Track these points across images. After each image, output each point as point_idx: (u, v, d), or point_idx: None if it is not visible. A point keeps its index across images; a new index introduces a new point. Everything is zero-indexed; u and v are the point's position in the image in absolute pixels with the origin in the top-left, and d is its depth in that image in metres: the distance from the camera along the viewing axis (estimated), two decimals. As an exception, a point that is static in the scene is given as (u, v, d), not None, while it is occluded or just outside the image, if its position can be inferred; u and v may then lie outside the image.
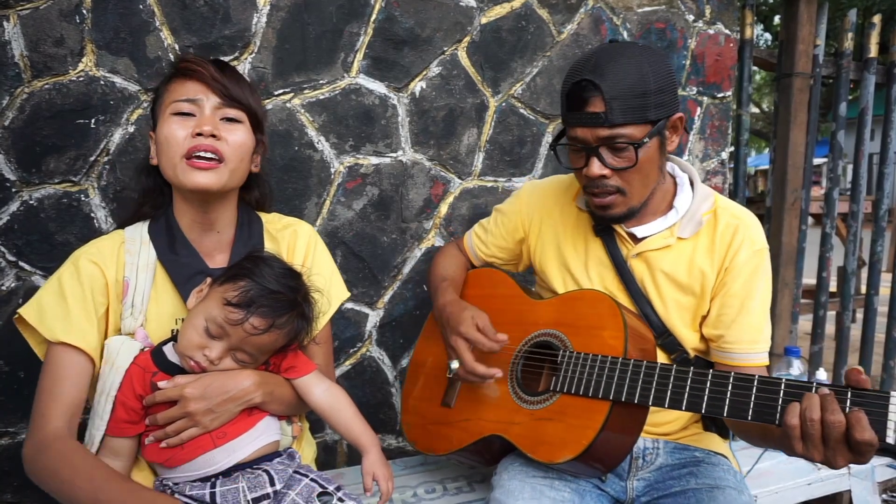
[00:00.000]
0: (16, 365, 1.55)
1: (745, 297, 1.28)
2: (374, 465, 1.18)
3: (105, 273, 1.13)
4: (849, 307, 2.85)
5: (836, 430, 0.90)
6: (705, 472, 1.29)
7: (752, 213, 1.36)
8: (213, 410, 1.08)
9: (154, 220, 1.22)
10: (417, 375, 1.56)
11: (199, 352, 1.08)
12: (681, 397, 1.10)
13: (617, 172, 1.22)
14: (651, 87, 1.17)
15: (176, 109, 1.12)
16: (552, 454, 1.20)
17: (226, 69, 1.18)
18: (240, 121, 1.16)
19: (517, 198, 1.57)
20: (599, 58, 1.18)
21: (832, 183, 2.72)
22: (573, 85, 1.20)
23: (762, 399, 1.01)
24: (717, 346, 1.32)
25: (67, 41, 1.52)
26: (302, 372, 1.20)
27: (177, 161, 1.11)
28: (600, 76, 1.16)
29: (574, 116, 1.21)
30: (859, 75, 2.70)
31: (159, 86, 1.19)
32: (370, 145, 1.87)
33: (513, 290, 1.49)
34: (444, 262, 1.63)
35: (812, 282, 2.97)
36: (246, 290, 1.08)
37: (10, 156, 1.50)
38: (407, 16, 1.85)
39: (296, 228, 1.34)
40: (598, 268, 1.39)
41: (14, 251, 1.53)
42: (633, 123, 1.18)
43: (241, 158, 1.16)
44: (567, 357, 1.26)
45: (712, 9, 2.30)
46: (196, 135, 1.10)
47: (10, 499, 1.59)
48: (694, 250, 1.31)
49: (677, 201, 1.34)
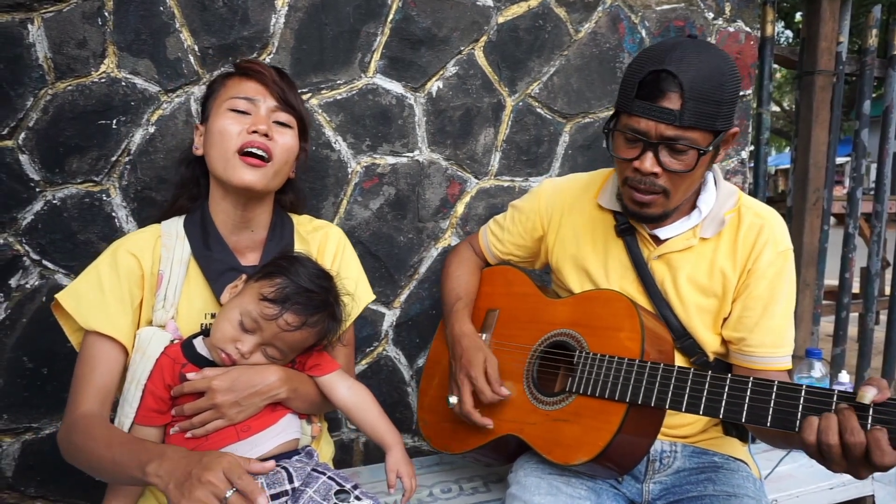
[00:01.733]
0: (39, 362, 1.57)
1: (769, 299, 1.25)
2: (399, 462, 1.20)
3: (142, 265, 1.17)
4: (872, 309, 2.80)
5: (857, 450, 0.88)
6: (724, 478, 1.27)
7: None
8: (240, 403, 1.11)
9: (190, 215, 1.25)
10: (433, 374, 1.56)
11: (231, 345, 1.11)
12: (698, 402, 1.08)
13: (667, 173, 1.17)
14: (726, 96, 1.12)
15: (233, 106, 1.16)
16: (568, 456, 1.19)
17: (283, 76, 1.22)
18: (290, 126, 1.21)
19: (536, 196, 1.54)
20: (685, 51, 1.11)
21: (855, 182, 2.67)
22: (651, 72, 1.12)
23: (781, 406, 0.99)
24: (737, 349, 1.30)
25: (90, 43, 1.54)
26: (326, 370, 1.23)
27: (229, 155, 1.14)
28: (684, 70, 1.09)
29: (642, 106, 1.13)
30: (884, 72, 2.65)
31: (214, 81, 1.24)
32: (387, 145, 1.87)
33: (529, 288, 1.48)
34: (458, 270, 1.60)
35: (834, 283, 2.93)
36: (282, 286, 1.11)
37: (34, 156, 1.53)
38: (424, 15, 1.85)
39: (326, 231, 1.38)
40: (618, 269, 1.36)
41: (38, 250, 1.56)
42: (702, 129, 1.12)
43: (286, 161, 1.21)
44: (583, 358, 1.25)
45: (732, 6, 2.28)
46: (251, 132, 1.13)
47: (34, 493, 1.62)
48: (716, 251, 1.29)
49: (701, 201, 1.30)
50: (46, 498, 1.63)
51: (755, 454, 1.46)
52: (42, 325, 1.56)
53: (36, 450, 1.60)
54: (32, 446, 1.60)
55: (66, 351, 1.58)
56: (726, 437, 1.38)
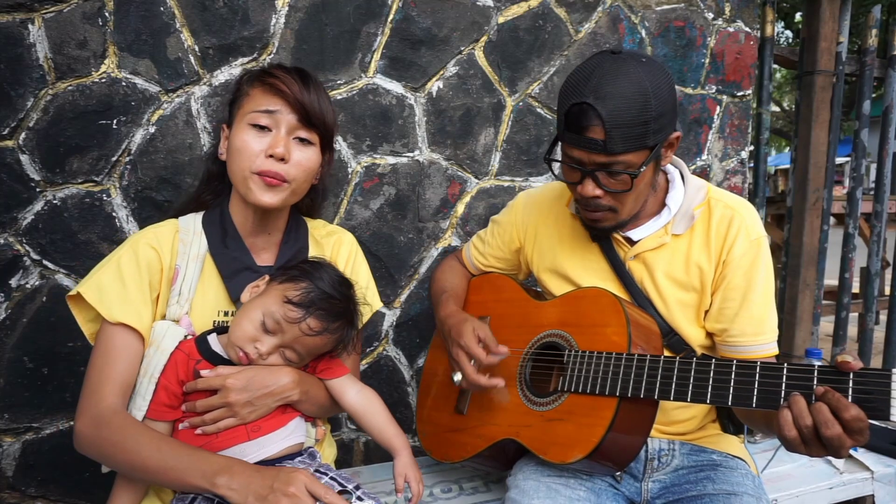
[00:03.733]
0: (39, 362, 1.57)
1: (746, 289, 1.26)
2: (407, 466, 1.20)
3: (161, 258, 1.17)
4: (872, 308, 2.80)
5: (837, 440, 0.90)
6: (723, 476, 1.27)
7: (762, 208, 1.34)
8: (253, 403, 1.11)
9: (208, 212, 1.25)
10: (430, 385, 1.58)
11: (250, 344, 1.11)
12: (685, 388, 1.10)
13: (609, 194, 1.21)
14: (652, 114, 1.12)
15: (254, 120, 1.14)
16: (563, 454, 1.20)
17: (310, 85, 1.18)
18: (312, 143, 1.19)
19: (512, 208, 1.58)
20: (601, 78, 1.12)
21: (855, 182, 2.68)
22: (572, 105, 1.14)
23: (766, 385, 1.01)
24: (721, 340, 1.31)
25: (90, 43, 1.54)
26: (337, 374, 1.24)
27: (246, 174, 1.14)
28: (601, 101, 1.10)
29: (572, 137, 1.17)
30: (883, 72, 2.65)
31: (242, 83, 1.21)
32: (387, 145, 1.87)
33: (517, 293, 1.50)
34: (444, 274, 1.64)
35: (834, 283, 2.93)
36: (307, 291, 1.12)
37: (34, 156, 1.53)
38: (424, 16, 1.85)
39: (340, 236, 1.39)
40: (597, 272, 1.38)
41: (38, 250, 1.56)
42: (632, 151, 1.14)
43: (305, 179, 1.20)
44: (573, 356, 1.26)
45: (732, 6, 2.28)
46: (268, 156, 1.13)
47: (34, 493, 1.62)
48: (690, 246, 1.30)
49: (669, 199, 1.32)
50: (47, 497, 1.63)
51: (753, 453, 1.47)
52: (42, 325, 1.56)
53: (36, 449, 1.60)
54: (33, 446, 1.61)
55: (67, 351, 1.58)
56: (724, 435, 1.39)
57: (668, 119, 1.17)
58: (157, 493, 1.18)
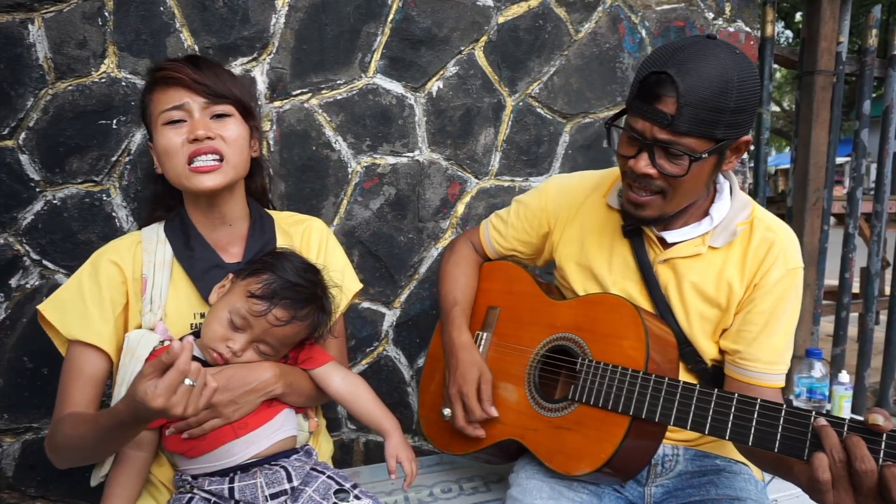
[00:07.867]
0: (39, 362, 1.57)
1: (771, 316, 1.23)
2: (398, 447, 1.21)
3: (124, 271, 1.17)
4: (872, 309, 2.80)
5: (869, 479, 0.86)
6: (726, 481, 1.26)
7: (775, 215, 1.32)
8: (236, 402, 1.11)
9: (169, 221, 1.25)
10: (434, 370, 1.55)
11: (222, 343, 1.11)
12: (704, 420, 1.07)
13: (663, 175, 1.15)
14: (730, 105, 1.07)
15: (166, 119, 1.14)
16: (570, 466, 1.19)
17: (203, 65, 1.18)
18: (229, 114, 1.18)
19: (544, 192, 1.51)
20: (689, 53, 1.07)
21: (855, 182, 2.68)
22: (651, 73, 1.09)
23: (790, 432, 0.97)
24: (732, 360, 1.27)
25: (90, 43, 1.54)
26: (319, 362, 1.23)
27: (180, 169, 1.14)
28: (682, 75, 1.05)
29: (640, 106, 1.11)
30: (884, 72, 2.65)
31: (143, 96, 1.21)
32: (387, 145, 1.87)
33: (530, 287, 1.46)
34: (455, 270, 1.57)
35: (834, 283, 2.93)
36: (269, 282, 1.12)
37: (34, 156, 1.53)
38: (424, 16, 1.85)
39: (309, 224, 1.38)
40: (622, 270, 1.34)
41: (38, 250, 1.56)
42: (698, 136, 1.09)
43: (240, 151, 1.19)
44: (586, 366, 1.23)
45: (732, 6, 2.28)
46: (192, 140, 1.12)
47: (34, 493, 1.62)
48: (724, 262, 1.26)
49: (714, 209, 1.27)
50: (46, 498, 1.63)
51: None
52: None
53: (36, 450, 1.60)
54: (33, 446, 1.60)
55: (67, 351, 1.58)
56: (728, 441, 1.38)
57: (745, 119, 1.11)
58: (151, 494, 1.18)
